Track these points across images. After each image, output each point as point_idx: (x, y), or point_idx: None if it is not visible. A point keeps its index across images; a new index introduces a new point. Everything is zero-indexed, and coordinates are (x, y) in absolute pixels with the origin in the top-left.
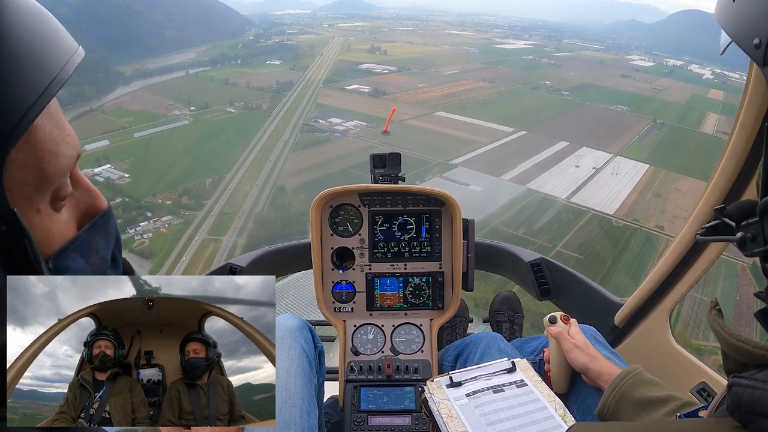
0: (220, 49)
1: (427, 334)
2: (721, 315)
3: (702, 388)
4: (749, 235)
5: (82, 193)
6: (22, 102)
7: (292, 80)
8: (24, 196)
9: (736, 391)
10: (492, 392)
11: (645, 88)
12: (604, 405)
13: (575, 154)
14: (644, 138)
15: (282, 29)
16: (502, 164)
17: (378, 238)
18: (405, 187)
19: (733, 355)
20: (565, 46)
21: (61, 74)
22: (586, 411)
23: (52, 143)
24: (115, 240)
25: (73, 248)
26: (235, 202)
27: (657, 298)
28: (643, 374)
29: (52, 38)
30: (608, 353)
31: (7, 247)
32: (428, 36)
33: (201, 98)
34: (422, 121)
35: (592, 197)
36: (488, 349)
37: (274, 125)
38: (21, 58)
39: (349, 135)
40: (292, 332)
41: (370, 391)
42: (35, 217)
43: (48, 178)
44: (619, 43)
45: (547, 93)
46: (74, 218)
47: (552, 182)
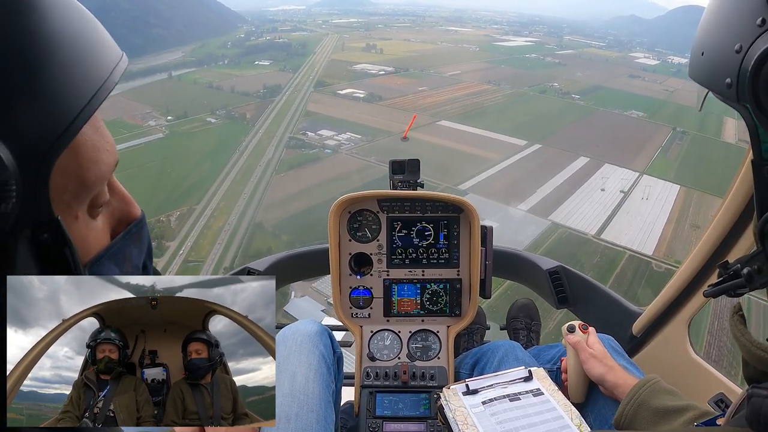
0: (208, 48)
1: (443, 341)
2: (743, 321)
3: (720, 399)
4: (754, 267)
5: (117, 200)
6: (71, 109)
7: (281, 84)
8: (63, 203)
9: (755, 402)
10: (508, 401)
11: (656, 90)
12: (621, 414)
13: (599, 174)
14: (668, 150)
15: (275, 26)
16: (518, 189)
17: (396, 244)
18: (424, 193)
19: (753, 363)
20: (567, 43)
21: (107, 82)
22: (603, 421)
23: (93, 150)
24: (148, 248)
25: (108, 256)
26: (203, 246)
27: (676, 307)
28: (661, 383)
29: (100, 45)
30: (626, 363)
31: (48, 255)
32: (425, 33)
33: (181, 105)
34: (424, 132)
35: (625, 231)
36: (506, 357)
37: (256, 139)
38: (71, 65)
39: (341, 151)
40: (312, 337)
41: (385, 397)
42: (73, 225)
43: (88, 186)
44: (621, 39)
45: (557, 97)
46: (109, 226)
47: (577, 212)
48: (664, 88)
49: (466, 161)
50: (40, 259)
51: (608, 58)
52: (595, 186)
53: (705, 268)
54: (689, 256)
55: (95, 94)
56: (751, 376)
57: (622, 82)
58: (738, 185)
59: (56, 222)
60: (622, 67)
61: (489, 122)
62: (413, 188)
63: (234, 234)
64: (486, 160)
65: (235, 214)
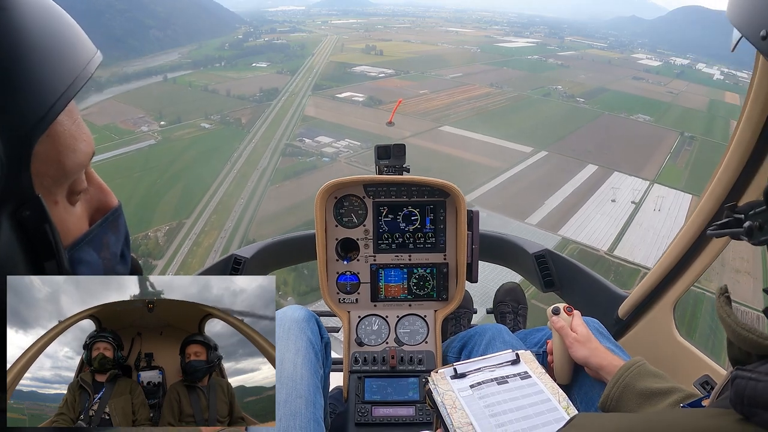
0: (205, 50)
1: (431, 326)
2: (729, 302)
3: (705, 381)
4: (756, 223)
5: (95, 190)
6: (48, 97)
7: (278, 87)
8: (44, 187)
9: (739, 383)
10: (496, 384)
11: (661, 92)
12: (607, 396)
13: (608, 184)
14: (676, 157)
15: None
16: (526, 201)
17: (382, 229)
18: (409, 178)
19: (738, 344)
20: (568, 44)
21: (82, 74)
22: (590, 403)
23: (71, 139)
24: (125, 237)
25: (87, 241)
26: (192, 266)
27: (661, 290)
28: (647, 366)
29: (74, 39)
30: (611, 345)
31: (30, 231)
32: (426, 34)
33: (175, 109)
34: (425, 139)
35: (638, 246)
36: (493, 340)
37: (252, 146)
38: (45, 58)
39: (339, 159)
40: (299, 323)
41: (374, 382)
42: (53, 208)
43: (66, 172)
44: (622, 40)
45: (562, 100)
46: (87, 213)
47: (588, 226)
48: (669, 91)
49: (470, 170)
50: (21, 235)
51: (610, 59)
52: (605, 197)
53: (690, 251)
54: (676, 237)
55: (71, 84)
56: (736, 358)
57: (626, 84)
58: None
59: (37, 199)
60: (625, 69)
61: (493, 127)
62: (399, 173)
63: (225, 253)
64: (491, 169)
65: (226, 230)
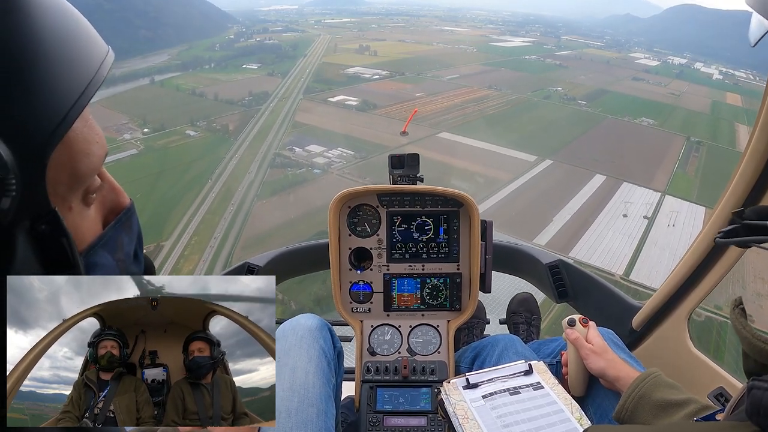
0: (195, 51)
1: (444, 335)
2: (744, 314)
3: (720, 393)
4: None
5: (108, 190)
6: (63, 105)
7: (268, 91)
8: (58, 195)
9: (755, 394)
10: (508, 394)
11: (662, 94)
12: (622, 407)
13: (618, 196)
14: (685, 164)
15: (266, 27)
16: (532, 217)
17: (396, 239)
18: (423, 188)
19: (754, 355)
20: (565, 44)
21: (96, 77)
22: (603, 415)
23: (84, 143)
24: (138, 236)
25: (101, 245)
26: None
27: (675, 301)
28: (662, 377)
29: (87, 40)
30: (626, 357)
31: (47, 245)
32: (420, 33)
33: (160, 115)
34: (422, 147)
35: (655, 269)
36: (506, 351)
37: (238, 155)
38: (59, 62)
39: (331, 171)
40: (312, 332)
41: (386, 392)
42: (68, 215)
43: (81, 177)
44: (618, 39)
45: (563, 103)
46: (100, 215)
47: (601, 245)
48: (670, 92)
49: (472, 182)
50: (39, 250)
51: (609, 59)
52: (616, 211)
53: (705, 262)
54: (690, 248)
55: (85, 89)
56: (752, 369)
57: (627, 85)
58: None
59: (53, 213)
60: (624, 69)
61: (493, 133)
62: (413, 183)
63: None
64: (493, 181)
65: (209, 252)
